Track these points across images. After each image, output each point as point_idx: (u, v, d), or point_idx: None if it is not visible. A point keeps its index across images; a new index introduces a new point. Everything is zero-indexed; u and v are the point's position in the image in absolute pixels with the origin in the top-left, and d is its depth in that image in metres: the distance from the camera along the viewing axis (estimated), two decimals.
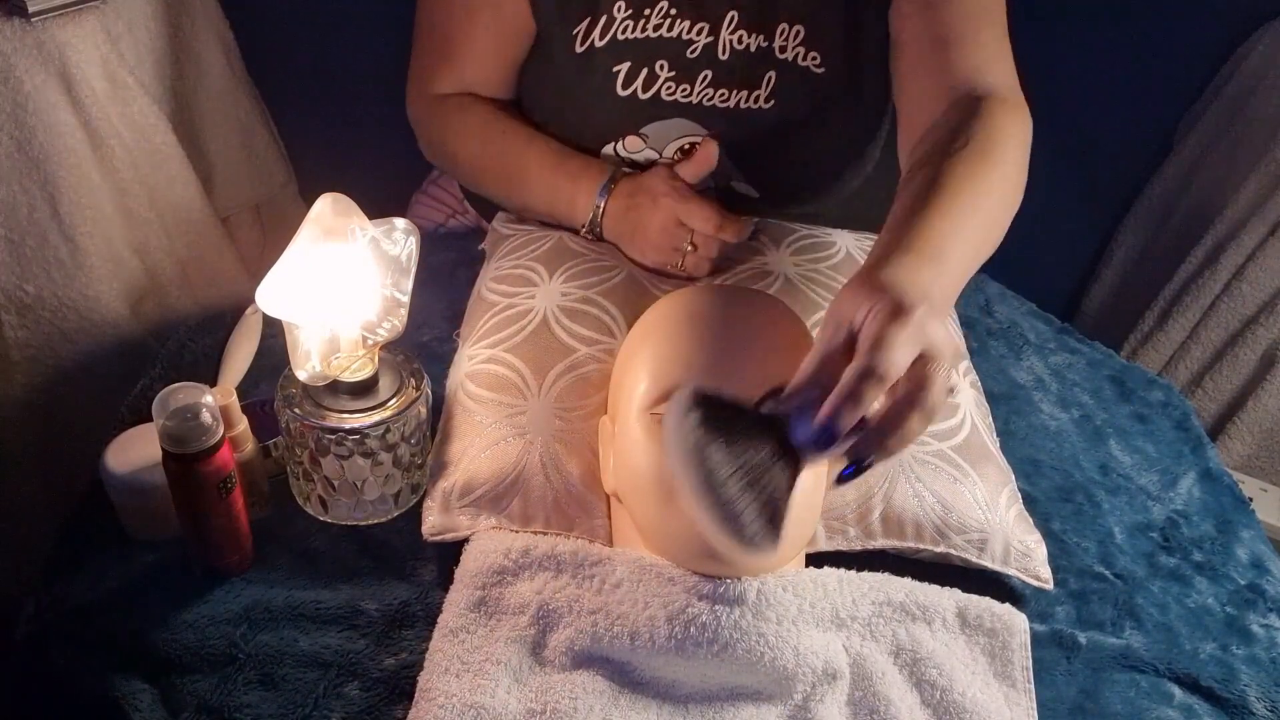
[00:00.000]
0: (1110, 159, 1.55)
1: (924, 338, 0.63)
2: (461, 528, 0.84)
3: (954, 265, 0.72)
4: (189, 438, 0.74)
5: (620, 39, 0.99)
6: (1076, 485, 0.97)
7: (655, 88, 1.00)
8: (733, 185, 1.08)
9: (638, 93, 1.00)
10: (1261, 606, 0.89)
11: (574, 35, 0.99)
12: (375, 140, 1.49)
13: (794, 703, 0.74)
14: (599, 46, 0.99)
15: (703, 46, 0.99)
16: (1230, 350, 1.44)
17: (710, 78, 1.00)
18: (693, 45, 0.99)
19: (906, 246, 0.70)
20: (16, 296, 1.13)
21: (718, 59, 1.00)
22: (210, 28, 1.30)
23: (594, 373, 0.90)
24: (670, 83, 1.00)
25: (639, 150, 1.04)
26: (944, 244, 0.71)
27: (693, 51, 0.99)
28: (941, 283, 0.69)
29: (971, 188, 0.77)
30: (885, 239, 0.73)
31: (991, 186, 0.79)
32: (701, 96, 1.01)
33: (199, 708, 0.74)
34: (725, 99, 1.01)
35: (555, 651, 0.75)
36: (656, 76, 1.00)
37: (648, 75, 1.00)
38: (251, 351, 1.01)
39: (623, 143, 1.04)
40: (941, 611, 0.80)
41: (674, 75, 1.00)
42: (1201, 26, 1.42)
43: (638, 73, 1.00)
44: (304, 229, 0.79)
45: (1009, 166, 0.82)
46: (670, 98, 1.01)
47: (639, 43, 0.99)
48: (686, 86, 1.00)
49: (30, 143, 1.07)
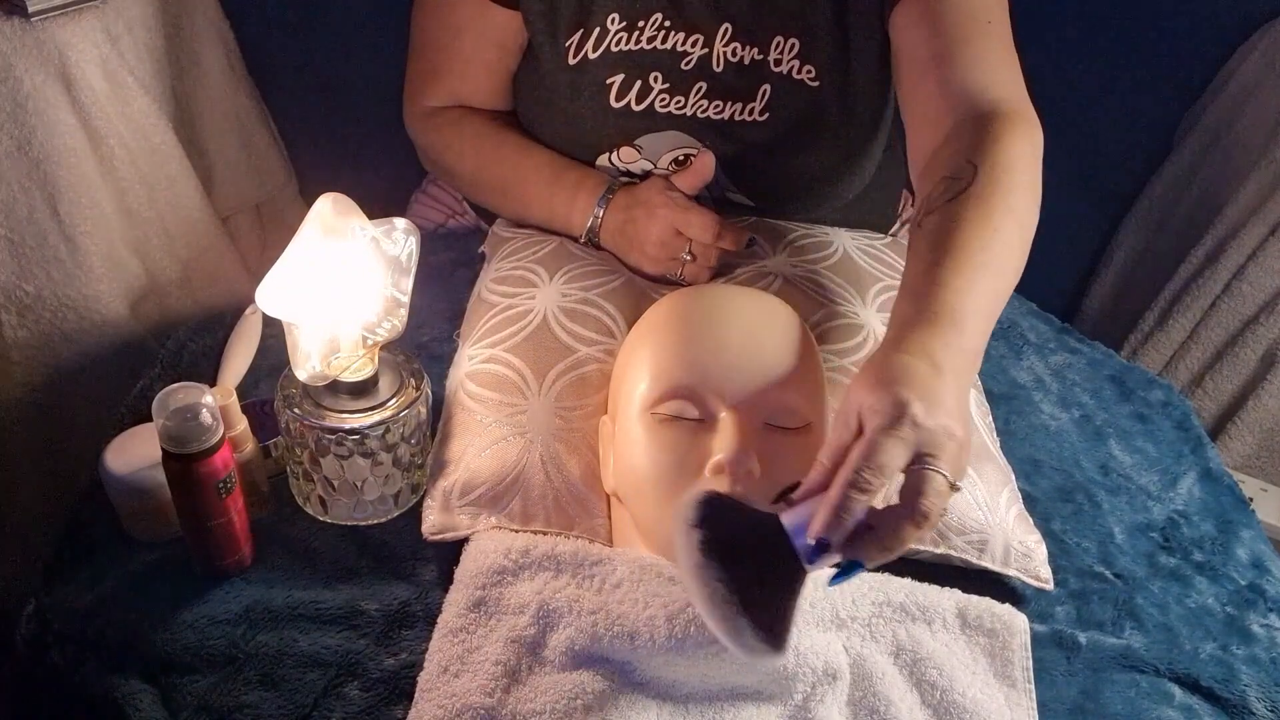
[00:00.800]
0: (1110, 159, 1.55)
1: (919, 439, 0.62)
2: (461, 527, 0.84)
3: (973, 321, 0.71)
4: (189, 438, 0.74)
5: (614, 51, 0.99)
6: (1077, 485, 0.97)
7: (649, 99, 1.00)
8: (728, 195, 1.08)
9: (631, 104, 1.00)
10: (1262, 606, 0.89)
11: (566, 47, 0.99)
12: (375, 140, 1.49)
13: (794, 703, 0.74)
14: (592, 59, 0.99)
15: (697, 59, 0.99)
16: (1230, 350, 1.44)
17: (704, 90, 1.00)
18: (687, 57, 0.99)
19: (920, 316, 0.70)
20: (16, 296, 1.13)
21: (712, 71, 1.00)
22: (210, 28, 1.30)
23: (594, 373, 0.90)
24: (664, 94, 1.00)
25: (634, 161, 1.04)
26: (959, 302, 0.70)
27: (687, 64, 0.99)
28: (961, 344, 0.69)
29: (982, 234, 0.75)
30: (900, 308, 0.73)
31: (1004, 223, 0.77)
32: (696, 109, 1.01)
33: (199, 708, 0.74)
34: (720, 111, 1.01)
35: (555, 651, 0.75)
36: (650, 88, 1.00)
37: (641, 87, 1.00)
38: (251, 351, 1.01)
39: (617, 153, 1.04)
40: (941, 612, 0.80)
41: (668, 87, 1.00)
42: (1201, 26, 1.42)
43: (631, 84, 1.00)
44: (304, 229, 0.79)
45: (1020, 193, 0.80)
46: (664, 109, 1.01)
47: (632, 54, 0.99)
48: (681, 98, 1.00)
49: (30, 143, 1.07)
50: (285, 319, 0.78)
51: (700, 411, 0.77)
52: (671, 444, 0.77)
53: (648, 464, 0.77)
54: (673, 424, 0.78)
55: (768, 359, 0.79)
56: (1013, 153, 0.81)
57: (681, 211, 0.96)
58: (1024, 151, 0.82)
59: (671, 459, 0.76)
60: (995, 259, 0.75)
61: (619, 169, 1.05)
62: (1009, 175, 0.79)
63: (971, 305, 0.71)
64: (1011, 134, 0.82)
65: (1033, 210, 0.82)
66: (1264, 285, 1.39)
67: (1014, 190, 0.79)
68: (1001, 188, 0.78)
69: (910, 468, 0.62)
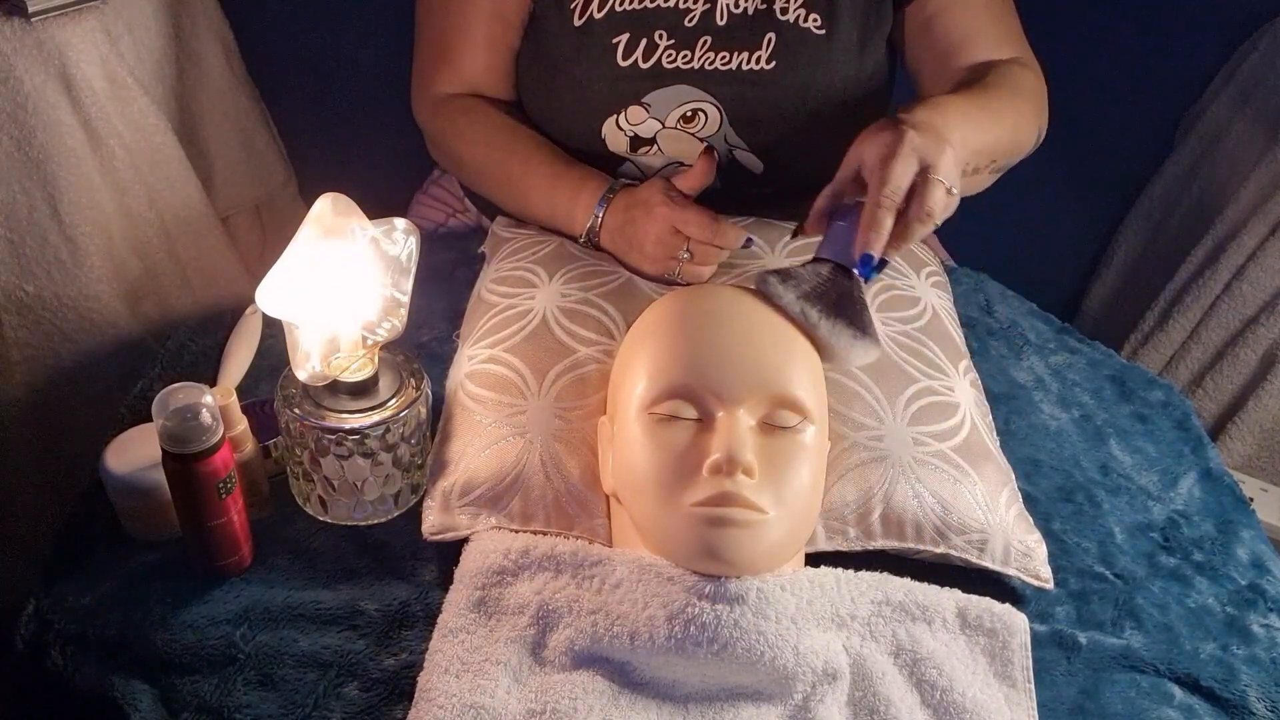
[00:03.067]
0: (1110, 159, 1.55)
1: (919, 154, 0.80)
2: (461, 527, 0.84)
3: (957, 113, 0.87)
4: (189, 438, 0.74)
5: (618, 10, 1.00)
6: (1077, 485, 0.97)
7: (655, 56, 1.01)
8: (735, 156, 1.08)
9: (638, 62, 1.02)
10: (1262, 606, 0.89)
11: (572, 9, 1.01)
12: (375, 140, 1.49)
13: (794, 703, 0.74)
14: (597, 19, 1.01)
15: (700, 14, 1.01)
16: (1231, 350, 1.44)
17: (710, 43, 1.02)
18: (690, 13, 1.01)
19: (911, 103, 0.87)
20: (16, 296, 1.13)
21: (715, 25, 1.01)
22: (210, 28, 1.30)
23: (593, 373, 0.90)
24: (670, 50, 1.01)
25: (641, 121, 1.04)
26: (950, 101, 0.90)
27: (690, 20, 1.01)
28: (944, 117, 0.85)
29: (985, 87, 0.95)
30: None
31: (1006, 94, 0.96)
32: (702, 61, 1.02)
33: (199, 708, 0.74)
34: (726, 61, 1.02)
35: (555, 651, 0.75)
36: (656, 46, 1.01)
37: (647, 45, 1.01)
38: (251, 351, 1.01)
39: (625, 114, 1.04)
40: (941, 611, 0.80)
41: (673, 43, 1.01)
42: (1201, 26, 1.42)
43: (637, 43, 1.01)
44: (304, 229, 0.79)
45: (1026, 95, 0.99)
46: (671, 65, 1.02)
47: (637, 13, 1.01)
48: (687, 53, 1.02)
49: (30, 143, 1.07)
50: (285, 319, 0.78)
51: (698, 411, 0.77)
52: (670, 444, 0.77)
53: (646, 464, 0.77)
54: (671, 424, 0.78)
55: (766, 359, 0.79)
56: (1021, 75, 1.00)
57: (680, 210, 0.96)
58: (1029, 78, 1.01)
59: (670, 459, 0.76)
60: (992, 110, 0.93)
61: (628, 133, 1.05)
62: (1013, 78, 0.99)
63: (958, 104, 0.90)
64: (1020, 67, 1.01)
65: (1030, 118, 0.99)
66: (1264, 285, 1.39)
67: (1019, 92, 0.98)
68: (1009, 81, 0.98)
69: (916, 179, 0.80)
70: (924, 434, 0.88)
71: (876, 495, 0.85)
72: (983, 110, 0.92)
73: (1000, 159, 0.97)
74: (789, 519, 0.75)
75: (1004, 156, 0.97)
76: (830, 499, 0.84)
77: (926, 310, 1.00)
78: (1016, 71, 0.99)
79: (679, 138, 1.06)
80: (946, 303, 1.06)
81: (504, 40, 1.07)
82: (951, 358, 0.96)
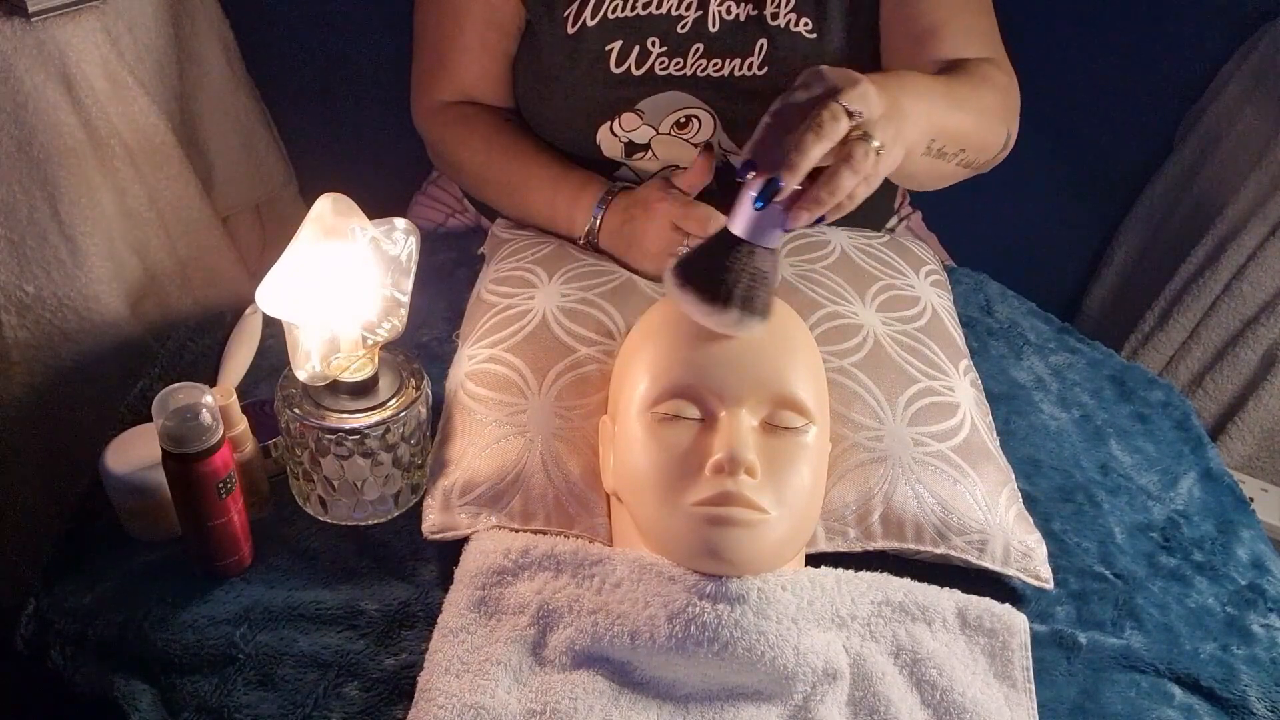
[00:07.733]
0: (1110, 159, 1.55)
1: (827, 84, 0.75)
2: (462, 526, 0.84)
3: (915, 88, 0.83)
4: (189, 438, 0.74)
5: (611, 18, 1.01)
6: (1077, 485, 0.97)
7: (648, 63, 1.02)
8: (729, 160, 1.08)
9: (631, 69, 1.02)
10: (1262, 606, 0.89)
11: (564, 17, 1.01)
12: (375, 140, 1.49)
13: (794, 703, 0.74)
14: (590, 26, 1.01)
15: (692, 21, 1.01)
16: (1231, 350, 1.44)
17: (702, 50, 1.02)
18: (683, 20, 1.01)
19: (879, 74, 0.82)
20: (16, 296, 1.13)
21: (708, 32, 1.01)
22: (210, 28, 1.30)
23: (594, 372, 0.90)
24: (663, 58, 1.02)
25: (635, 128, 1.05)
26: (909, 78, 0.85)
27: (683, 27, 1.01)
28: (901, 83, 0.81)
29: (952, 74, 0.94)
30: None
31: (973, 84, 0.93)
32: (695, 68, 1.02)
33: (199, 708, 0.74)
34: (719, 68, 1.02)
35: (555, 651, 0.75)
36: (649, 53, 1.01)
37: (640, 52, 1.01)
38: (251, 351, 1.01)
39: (619, 121, 1.05)
40: (941, 612, 0.80)
41: (666, 50, 1.02)
42: (1201, 26, 1.42)
43: (630, 50, 1.01)
44: (304, 229, 0.79)
45: (995, 92, 0.95)
46: (664, 72, 1.02)
47: (629, 21, 1.01)
48: (680, 60, 1.02)
49: (30, 143, 1.07)
50: (285, 319, 0.78)
51: (700, 411, 0.77)
52: (671, 443, 0.77)
53: (647, 463, 0.77)
54: (673, 423, 0.78)
55: (767, 359, 0.79)
56: (993, 74, 0.97)
57: (679, 206, 0.96)
58: (1003, 83, 0.98)
59: (671, 458, 0.76)
60: (957, 96, 0.90)
61: (622, 139, 1.05)
62: (984, 76, 0.96)
63: (918, 81, 0.85)
64: (996, 69, 0.98)
65: (997, 113, 0.95)
66: (1264, 285, 1.39)
67: (988, 87, 0.95)
68: (976, 78, 0.95)
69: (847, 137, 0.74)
70: (924, 434, 0.88)
71: (876, 496, 0.85)
72: (947, 92, 0.89)
73: (969, 150, 0.93)
74: (790, 519, 0.75)
75: (972, 148, 0.93)
76: (830, 499, 0.85)
77: (926, 310, 1.00)
78: (987, 69, 0.97)
79: (673, 143, 1.06)
80: (946, 302, 1.06)
81: (499, 47, 1.07)
82: (951, 358, 0.96)
